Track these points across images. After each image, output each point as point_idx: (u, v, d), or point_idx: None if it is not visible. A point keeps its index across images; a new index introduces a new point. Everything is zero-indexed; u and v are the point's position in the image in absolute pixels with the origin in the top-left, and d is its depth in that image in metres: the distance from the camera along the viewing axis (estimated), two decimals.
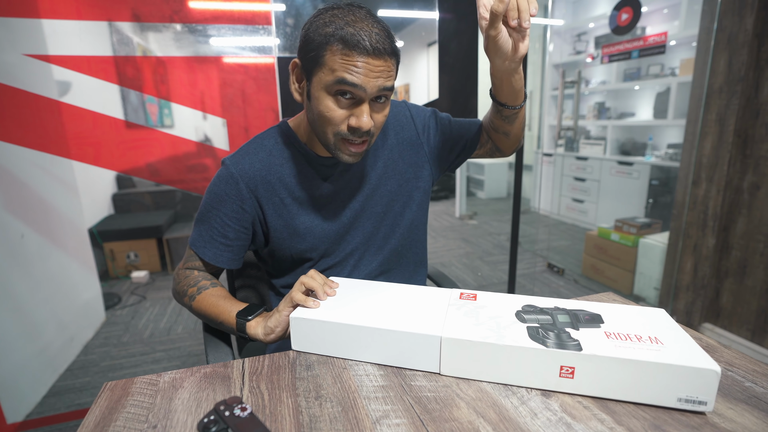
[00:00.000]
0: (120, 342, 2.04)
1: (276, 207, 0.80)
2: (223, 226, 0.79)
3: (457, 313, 0.63)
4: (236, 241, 0.81)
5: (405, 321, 0.61)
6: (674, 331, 0.57)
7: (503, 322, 0.60)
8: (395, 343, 0.60)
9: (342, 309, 0.65)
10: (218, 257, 0.81)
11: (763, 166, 1.76)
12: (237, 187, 0.78)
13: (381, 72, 0.66)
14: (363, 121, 0.68)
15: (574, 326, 0.59)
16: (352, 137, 0.70)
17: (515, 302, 0.66)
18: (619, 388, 0.52)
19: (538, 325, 0.59)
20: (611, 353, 0.52)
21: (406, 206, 0.89)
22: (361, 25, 0.64)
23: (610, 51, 2.33)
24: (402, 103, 0.92)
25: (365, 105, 0.68)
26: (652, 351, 0.52)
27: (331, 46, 0.64)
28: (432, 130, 0.91)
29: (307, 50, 0.68)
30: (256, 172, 0.79)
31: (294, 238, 0.82)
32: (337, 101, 0.68)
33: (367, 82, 0.65)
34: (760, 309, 1.83)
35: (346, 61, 0.64)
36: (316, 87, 0.68)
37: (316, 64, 0.67)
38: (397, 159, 0.88)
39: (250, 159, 0.80)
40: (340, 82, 0.65)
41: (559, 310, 0.63)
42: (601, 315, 0.62)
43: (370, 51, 0.64)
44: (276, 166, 0.80)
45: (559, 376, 0.54)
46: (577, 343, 0.54)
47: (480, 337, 0.56)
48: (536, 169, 4.37)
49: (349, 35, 0.63)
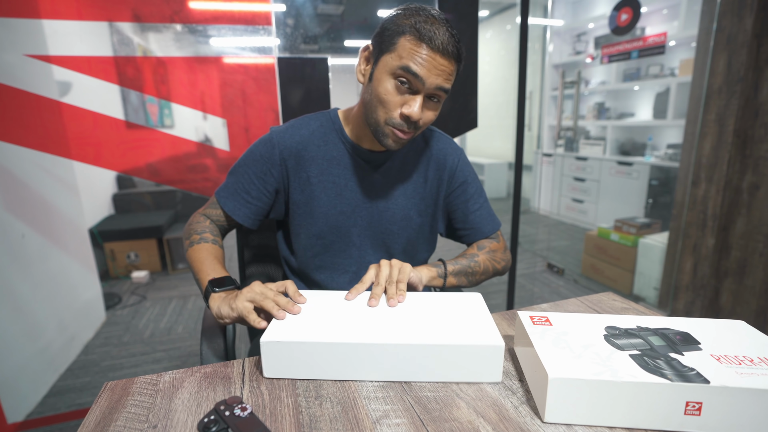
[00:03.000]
0: (120, 342, 2.04)
1: (301, 183, 0.84)
2: (249, 183, 0.84)
3: (544, 342, 0.56)
4: (257, 200, 0.85)
5: (444, 332, 0.59)
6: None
7: (602, 352, 0.53)
8: (426, 358, 0.57)
9: (343, 325, 0.61)
10: (237, 210, 0.85)
11: (762, 166, 1.76)
12: (272, 152, 0.83)
13: (443, 71, 0.70)
14: (414, 111, 0.71)
15: (675, 350, 0.53)
16: (401, 125, 0.73)
17: (594, 324, 0.61)
18: (749, 425, 0.46)
19: (640, 353, 0.53)
20: (743, 383, 0.46)
21: (419, 237, 0.92)
22: (437, 26, 0.68)
23: (610, 51, 2.33)
24: (460, 150, 0.93)
25: (420, 97, 0.71)
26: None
27: (406, 35, 0.69)
28: (448, 188, 0.93)
29: (382, 35, 0.72)
30: (293, 145, 0.83)
31: (308, 217, 0.85)
32: (397, 87, 0.71)
33: (428, 76, 0.69)
34: (759, 309, 1.83)
35: (415, 51, 0.68)
36: (381, 69, 0.72)
37: (388, 48, 0.71)
38: (427, 190, 0.90)
39: (292, 132, 0.84)
40: (405, 68, 0.69)
41: (646, 330, 0.58)
42: (691, 334, 0.57)
43: (439, 48, 0.68)
44: (313, 146, 0.84)
45: (684, 414, 0.47)
46: (697, 372, 0.48)
47: (592, 374, 0.48)
48: (536, 169, 4.37)
49: (424, 29, 0.68)
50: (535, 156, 4.30)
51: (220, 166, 1.59)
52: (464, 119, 1.78)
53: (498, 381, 0.58)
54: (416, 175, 0.89)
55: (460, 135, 1.81)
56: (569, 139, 3.81)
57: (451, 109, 1.75)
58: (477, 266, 0.88)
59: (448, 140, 0.93)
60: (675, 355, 0.52)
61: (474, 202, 0.93)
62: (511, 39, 4.75)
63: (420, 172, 0.89)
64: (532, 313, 0.65)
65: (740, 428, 0.47)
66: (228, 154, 1.55)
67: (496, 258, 0.91)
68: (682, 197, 2.07)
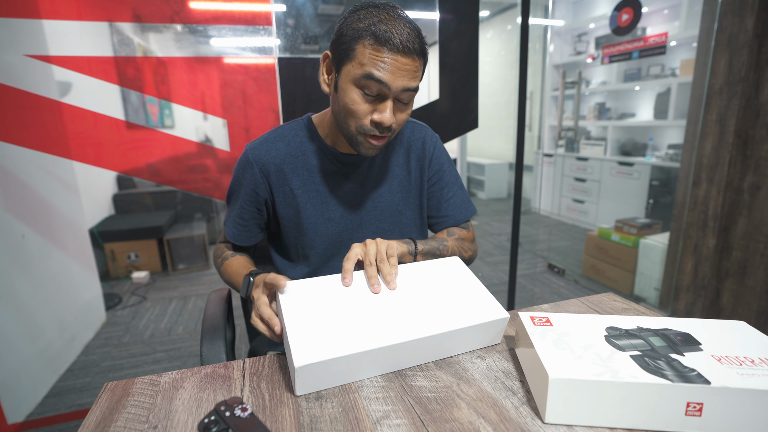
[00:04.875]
0: (120, 342, 2.04)
1: (286, 196, 0.84)
2: (240, 209, 0.86)
3: (545, 343, 0.56)
4: (251, 221, 0.87)
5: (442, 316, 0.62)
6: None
7: (602, 352, 0.53)
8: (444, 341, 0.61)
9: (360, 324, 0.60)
10: (237, 236, 0.88)
11: (763, 167, 1.76)
12: (252, 171, 0.83)
13: (408, 71, 0.68)
14: (385, 117, 0.69)
15: (676, 351, 0.53)
16: (373, 131, 0.72)
17: (595, 324, 0.61)
18: (750, 425, 0.46)
19: (641, 353, 0.53)
20: (744, 384, 0.46)
21: (412, 230, 0.92)
22: (393, 23, 0.66)
23: (611, 51, 2.33)
24: (435, 137, 0.93)
25: (389, 101, 0.69)
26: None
27: (363, 41, 0.66)
28: (428, 172, 0.92)
29: (339, 43, 0.70)
30: (270, 159, 0.82)
31: (298, 229, 0.86)
32: (363, 95, 0.69)
33: (393, 80, 0.67)
34: (760, 309, 1.82)
35: (375, 57, 0.66)
36: (344, 79, 0.70)
37: (347, 56, 0.68)
38: (412, 182, 0.90)
39: (267, 147, 0.83)
40: (367, 76, 0.67)
41: (646, 331, 0.58)
42: (691, 334, 0.57)
43: (399, 48, 0.65)
44: (291, 157, 0.83)
45: (684, 415, 0.47)
46: (698, 373, 0.48)
47: (593, 375, 0.49)
48: (537, 170, 4.37)
49: (380, 31, 0.65)
50: (536, 156, 4.30)
51: (221, 167, 1.58)
52: (465, 119, 1.77)
53: (498, 342, 0.68)
54: (398, 169, 0.89)
55: (460, 135, 1.81)
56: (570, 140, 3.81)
57: (451, 110, 1.74)
58: (446, 250, 0.87)
59: (424, 128, 0.92)
60: (676, 355, 0.52)
61: (448, 190, 0.92)
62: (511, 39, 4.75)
63: (401, 165, 0.89)
64: (532, 313, 0.65)
65: (741, 429, 0.47)
66: (228, 155, 1.55)
67: (464, 246, 0.90)
68: (682, 198, 2.07)
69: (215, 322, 0.86)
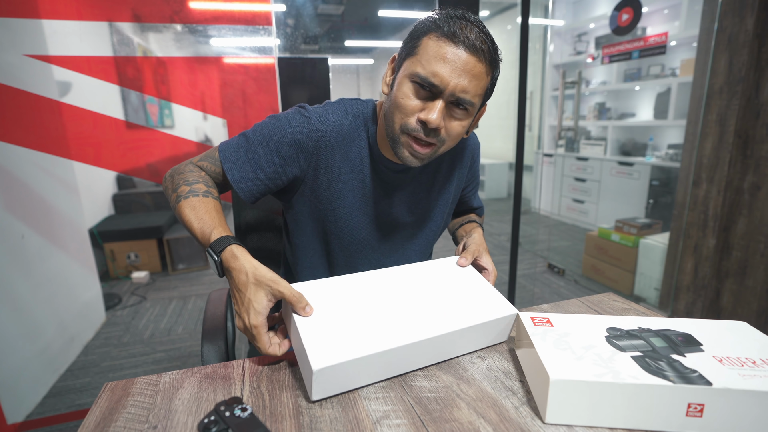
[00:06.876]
0: (120, 342, 2.03)
1: (330, 177, 0.76)
2: (268, 159, 0.72)
3: (545, 344, 0.56)
4: (267, 180, 0.74)
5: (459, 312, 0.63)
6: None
7: (603, 353, 0.53)
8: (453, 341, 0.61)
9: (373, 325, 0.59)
10: (242, 184, 0.73)
11: (763, 167, 1.76)
12: (308, 135, 0.72)
13: (468, 71, 0.62)
14: (431, 117, 0.63)
15: (677, 352, 0.53)
16: (417, 132, 0.66)
17: (595, 325, 0.61)
18: (751, 426, 0.46)
19: (642, 354, 0.53)
20: (745, 385, 0.46)
21: (438, 235, 0.91)
22: (465, 23, 0.63)
23: (611, 51, 2.33)
24: (478, 144, 0.91)
25: (440, 101, 0.64)
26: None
27: (430, 34, 0.64)
28: (466, 180, 0.92)
29: (407, 41, 0.68)
30: (332, 134, 0.74)
31: (331, 215, 0.78)
32: (415, 90, 0.65)
33: (450, 76, 0.62)
34: (760, 309, 1.82)
35: (436, 49, 0.62)
36: (402, 74, 0.67)
37: (411, 52, 0.66)
38: (453, 192, 0.88)
39: (333, 119, 0.74)
40: (424, 68, 0.63)
41: (647, 331, 0.58)
42: (692, 335, 0.57)
43: (464, 43, 0.61)
44: (348, 139, 0.76)
45: (685, 416, 0.47)
46: (700, 374, 0.48)
47: (594, 376, 0.48)
48: (537, 170, 4.37)
49: (448, 26, 0.62)
50: (536, 156, 4.30)
51: None
52: None
53: (505, 339, 0.69)
54: (443, 179, 0.85)
55: None
56: (570, 140, 3.81)
57: None
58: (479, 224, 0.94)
59: (472, 134, 0.88)
60: (677, 356, 0.52)
61: (471, 188, 0.95)
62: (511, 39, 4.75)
63: (446, 175, 0.85)
64: (533, 314, 0.65)
65: (742, 430, 0.47)
66: None
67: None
68: (683, 198, 2.07)
69: (216, 323, 0.85)
